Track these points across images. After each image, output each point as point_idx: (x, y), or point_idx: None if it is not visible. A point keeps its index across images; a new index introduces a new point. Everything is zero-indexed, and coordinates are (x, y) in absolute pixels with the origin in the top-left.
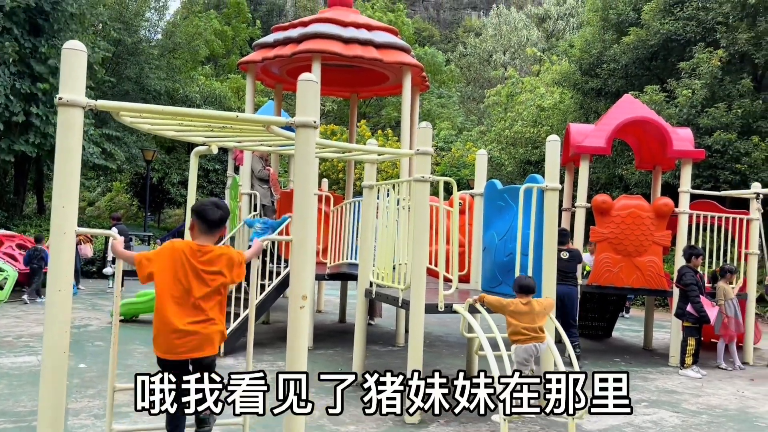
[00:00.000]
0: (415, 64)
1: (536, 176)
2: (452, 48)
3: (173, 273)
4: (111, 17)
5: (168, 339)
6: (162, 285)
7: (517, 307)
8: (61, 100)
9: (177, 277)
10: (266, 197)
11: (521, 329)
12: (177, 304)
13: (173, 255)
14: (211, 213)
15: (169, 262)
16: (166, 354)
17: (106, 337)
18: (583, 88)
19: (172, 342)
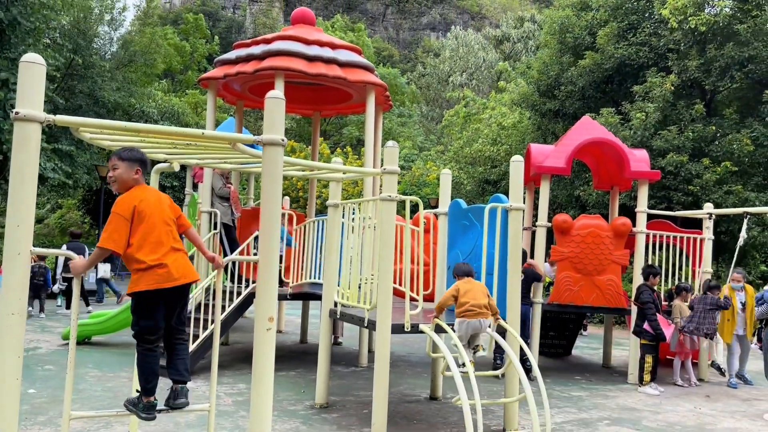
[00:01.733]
0: (379, 83)
1: (500, 196)
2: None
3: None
4: (65, 30)
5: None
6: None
7: (461, 287)
8: (17, 115)
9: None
10: (227, 215)
11: (470, 306)
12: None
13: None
14: (144, 155)
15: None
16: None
17: (56, 361)
18: (541, 109)
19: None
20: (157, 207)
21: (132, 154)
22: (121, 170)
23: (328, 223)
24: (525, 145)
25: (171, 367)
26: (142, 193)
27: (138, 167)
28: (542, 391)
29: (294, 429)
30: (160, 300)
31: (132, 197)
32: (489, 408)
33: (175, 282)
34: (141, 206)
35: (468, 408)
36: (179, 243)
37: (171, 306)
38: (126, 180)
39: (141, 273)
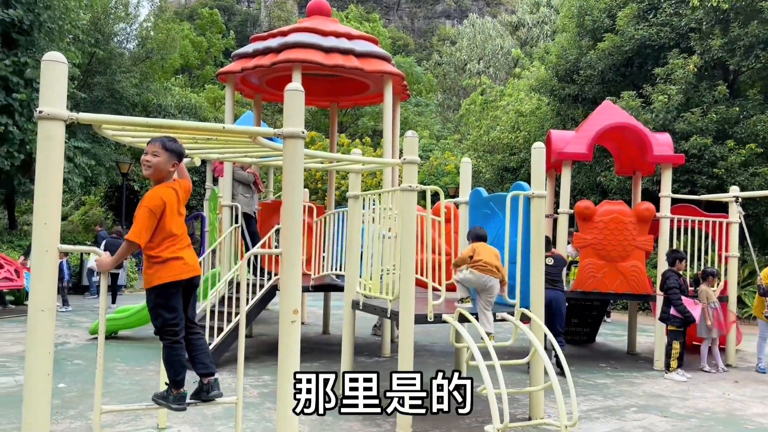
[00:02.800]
0: (396, 72)
1: (522, 183)
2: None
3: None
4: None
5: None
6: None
7: (477, 247)
8: (41, 114)
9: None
10: (248, 205)
11: (483, 262)
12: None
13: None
14: (181, 147)
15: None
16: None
17: (85, 355)
18: (560, 95)
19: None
20: (174, 200)
21: (175, 146)
22: (162, 159)
23: (349, 214)
24: (544, 132)
25: (196, 362)
26: (170, 188)
27: (176, 161)
28: (568, 379)
29: (320, 420)
30: (179, 291)
31: (163, 193)
32: (514, 396)
33: (190, 273)
34: (168, 202)
35: (494, 397)
36: (186, 235)
37: (186, 298)
38: (162, 170)
39: (158, 266)
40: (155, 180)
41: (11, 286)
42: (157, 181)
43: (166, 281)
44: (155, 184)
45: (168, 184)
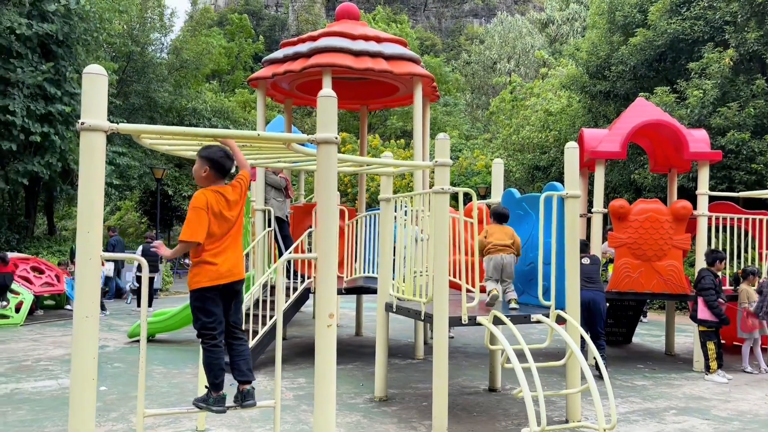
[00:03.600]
0: (426, 74)
1: (555, 184)
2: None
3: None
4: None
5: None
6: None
7: (489, 229)
8: (83, 125)
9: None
10: (281, 209)
11: (492, 245)
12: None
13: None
14: (227, 164)
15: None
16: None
17: (124, 358)
18: (591, 92)
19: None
20: (217, 203)
21: (205, 152)
22: (196, 166)
23: (381, 217)
24: (575, 130)
25: (234, 368)
26: (215, 192)
27: (207, 166)
28: (606, 381)
29: (355, 423)
30: (216, 296)
31: (207, 194)
32: (550, 399)
33: (225, 279)
34: (211, 204)
35: (530, 400)
36: (234, 238)
37: (226, 302)
38: (197, 176)
39: (197, 269)
40: (199, 186)
41: (52, 291)
42: (202, 186)
43: (202, 285)
44: (202, 189)
45: (214, 188)
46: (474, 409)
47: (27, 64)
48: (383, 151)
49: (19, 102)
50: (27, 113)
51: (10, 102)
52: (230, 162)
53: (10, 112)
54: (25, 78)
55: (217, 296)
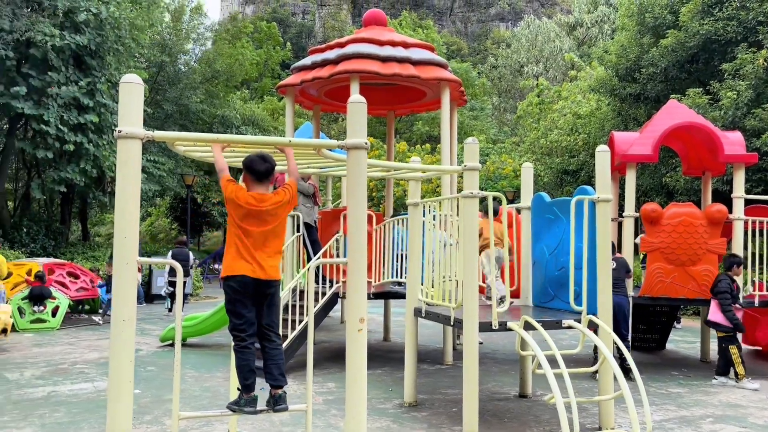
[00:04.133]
0: (454, 79)
1: (587, 188)
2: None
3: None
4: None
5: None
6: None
7: (483, 224)
8: (120, 133)
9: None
10: (309, 215)
11: (483, 237)
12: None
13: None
14: (257, 164)
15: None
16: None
17: (156, 362)
18: (621, 94)
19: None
20: (246, 200)
21: (245, 161)
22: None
23: (410, 222)
24: (605, 133)
25: (267, 372)
26: (252, 195)
27: (244, 171)
28: (640, 388)
29: (385, 428)
30: (246, 297)
31: (244, 191)
32: (583, 406)
33: (254, 275)
34: (240, 200)
35: (562, 406)
36: (267, 239)
37: (258, 304)
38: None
39: (228, 261)
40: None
41: (87, 295)
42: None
43: (231, 274)
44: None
45: (253, 193)
46: (504, 415)
47: (62, 76)
48: (410, 156)
49: (53, 112)
50: (61, 122)
51: (45, 112)
52: (264, 163)
53: (45, 122)
54: (61, 92)
55: (247, 298)
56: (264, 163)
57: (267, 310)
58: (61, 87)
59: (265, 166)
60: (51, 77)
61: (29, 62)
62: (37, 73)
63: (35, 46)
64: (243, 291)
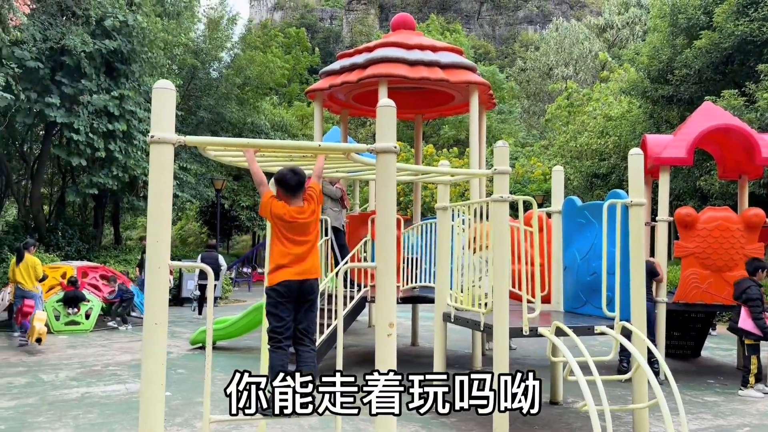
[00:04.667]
0: (482, 82)
1: (619, 191)
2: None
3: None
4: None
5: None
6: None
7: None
8: (152, 138)
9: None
10: (337, 219)
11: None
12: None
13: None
14: (289, 178)
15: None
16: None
17: (186, 365)
18: (653, 96)
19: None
20: (297, 218)
21: (275, 176)
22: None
23: (438, 226)
24: (636, 136)
25: None
26: (284, 206)
27: (278, 187)
28: (676, 396)
29: (413, 429)
30: (287, 301)
31: (276, 203)
32: (615, 414)
33: (294, 277)
34: (286, 216)
35: (596, 414)
36: (305, 245)
37: (297, 307)
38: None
39: (271, 270)
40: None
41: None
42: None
43: (274, 283)
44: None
45: (295, 207)
46: (535, 422)
47: (94, 84)
48: (437, 160)
49: (83, 120)
50: (91, 130)
51: (75, 120)
52: (294, 176)
53: (75, 130)
54: (92, 100)
55: (290, 302)
56: (295, 176)
57: (305, 314)
58: (92, 95)
59: (296, 179)
60: (84, 85)
61: (63, 70)
62: (69, 81)
63: (69, 54)
64: (287, 295)
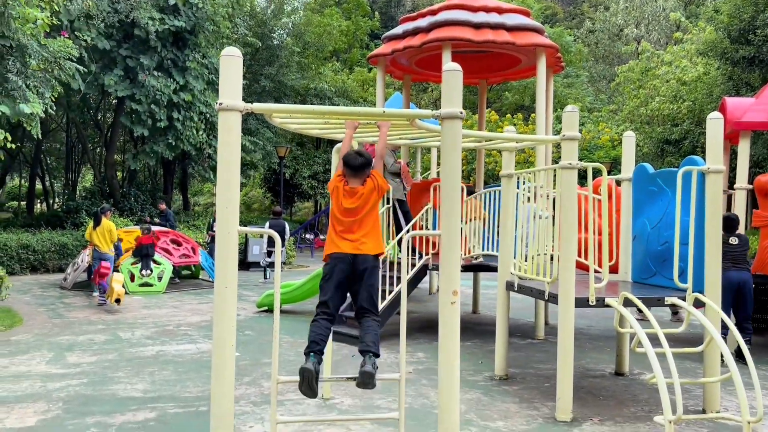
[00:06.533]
0: (550, 44)
1: (695, 158)
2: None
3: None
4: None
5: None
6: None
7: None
8: (221, 106)
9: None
10: (398, 191)
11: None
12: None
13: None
14: (352, 159)
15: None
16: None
17: (253, 327)
18: (733, 58)
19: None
20: (348, 197)
21: (342, 156)
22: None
23: (503, 194)
24: (713, 100)
25: (361, 341)
26: (341, 186)
27: (344, 167)
28: (752, 371)
29: (476, 400)
30: (332, 279)
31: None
32: (685, 387)
33: (346, 251)
34: (339, 192)
35: (665, 387)
36: (361, 222)
37: (353, 283)
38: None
39: (327, 243)
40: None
41: (189, 262)
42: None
43: (328, 252)
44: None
45: (347, 187)
46: (600, 392)
47: (158, 57)
48: (500, 126)
49: (146, 90)
50: (153, 101)
51: (138, 91)
52: (357, 158)
53: (137, 100)
54: (155, 84)
55: (342, 276)
56: (359, 158)
57: (363, 291)
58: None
59: (360, 161)
60: (148, 58)
61: (129, 42)
62: (134, 54)
63: (138, 27)
64: (338, 268)
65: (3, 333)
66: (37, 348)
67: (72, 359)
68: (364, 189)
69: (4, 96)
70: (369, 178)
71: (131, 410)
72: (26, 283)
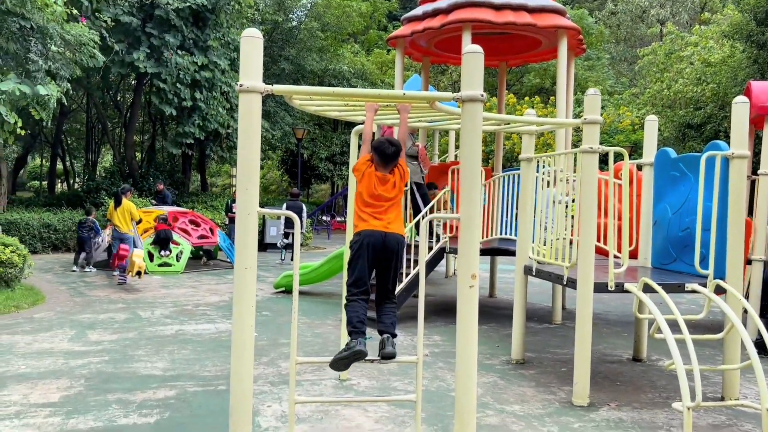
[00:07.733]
0: (572, 26)
1: (719, 143)
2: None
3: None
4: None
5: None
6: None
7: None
8: (241, 87)
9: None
10: (416, 173)
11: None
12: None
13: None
14: (385, 148)
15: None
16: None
17: (271, 307)
18: (759, 40)
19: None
20: (379, 184)
21: (373, 143)
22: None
23: (522, 177)
24: (737, 83)
25: (379, 321)
26: (372, 171)
27: (374, 155)
28: None
29: (492, 383)
30: (363, 256)
31: (368, 166)
32: (704, 374)
33: (375, 228)
34: (366, 173)
35: (683, 373)
36: (387, 209)
37: (382, 263)
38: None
39: (355, 223)
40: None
41: (207, 242)
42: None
43: (356, 231)
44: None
45: (378, 174)
46: (617, 377)
47: (180, 36)
48: (519, 109)
49: (171, 70)
50: (177, 80)
51: (163, 70)
52: (390, 147)
53: (162, 79)
54: (181, 62)
55: (364, 256)
56: (391, 146)
57: (390, 272)
58: (178, 48)
59: (392, 150)
60: (172, 36)
61: (152, 22)
62: (158, 33)
63: (159, 7)
64: (370, 244)
65: (26, 311)
66: (59, 326)
67: (93, 337)
68: (395, 177)
69: (25, 77)
70: (396, 170)
71: (152, 388)
72: (48, 262)
